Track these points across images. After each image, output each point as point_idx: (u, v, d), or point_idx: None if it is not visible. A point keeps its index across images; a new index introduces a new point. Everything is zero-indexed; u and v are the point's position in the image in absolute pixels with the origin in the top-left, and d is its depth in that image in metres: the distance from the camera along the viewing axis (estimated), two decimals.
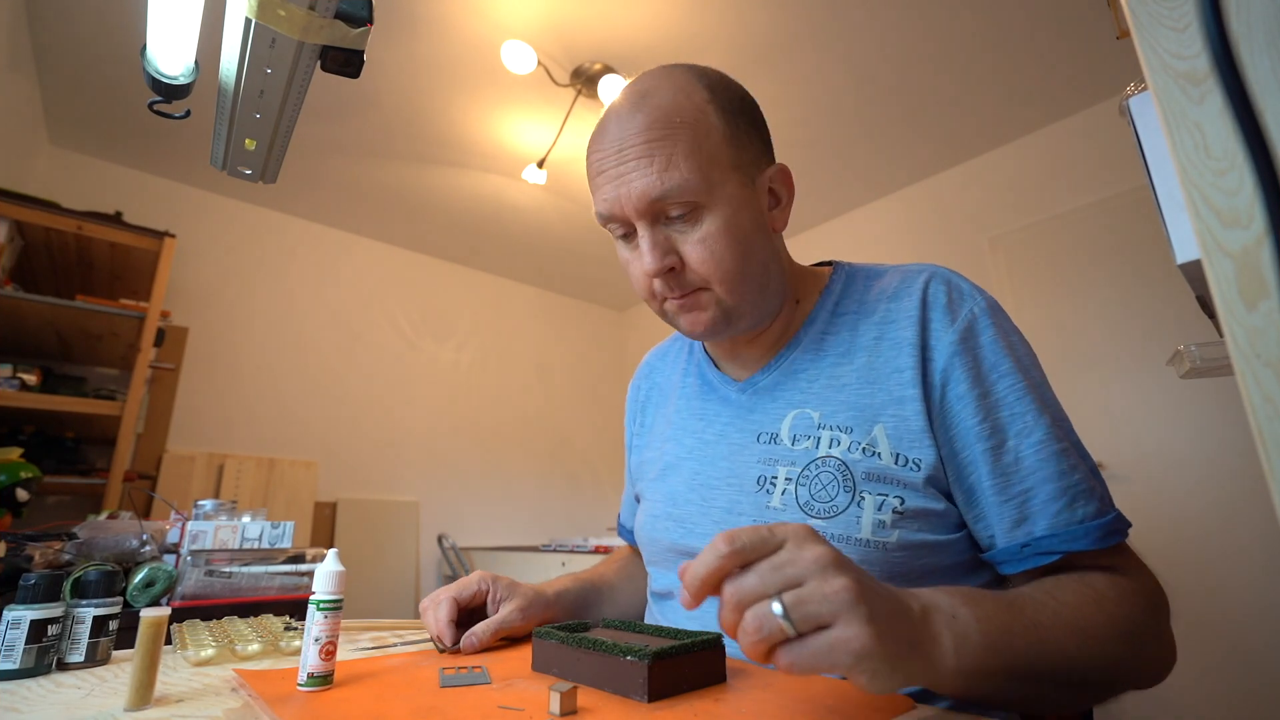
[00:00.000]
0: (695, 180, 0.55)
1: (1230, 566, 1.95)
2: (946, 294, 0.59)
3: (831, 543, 0.52)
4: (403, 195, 3.15)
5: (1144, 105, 0.48)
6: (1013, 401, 0.54)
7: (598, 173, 0.59)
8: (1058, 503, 0.51)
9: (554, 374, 4.26)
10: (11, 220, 1.89)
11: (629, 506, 0.87)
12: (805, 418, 0.60)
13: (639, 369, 0.88)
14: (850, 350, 0.61)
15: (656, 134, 0.56)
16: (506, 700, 0.41)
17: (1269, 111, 0.24)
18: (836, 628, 0.33)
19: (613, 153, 0.58)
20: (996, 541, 0.53)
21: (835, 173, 2.97)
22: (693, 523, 0.64)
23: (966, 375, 0.55)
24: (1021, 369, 0.55)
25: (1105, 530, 0.50)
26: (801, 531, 0.37)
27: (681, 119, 0.57)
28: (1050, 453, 0.52)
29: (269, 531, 1.07)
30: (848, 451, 0.56)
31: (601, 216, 0.60)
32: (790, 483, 0.58)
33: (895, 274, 0.64)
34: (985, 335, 0.56)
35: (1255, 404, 0.23)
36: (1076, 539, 0.50)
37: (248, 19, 0.46)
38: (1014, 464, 0.52)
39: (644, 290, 0.62)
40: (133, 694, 0.42)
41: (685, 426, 0.71)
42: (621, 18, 2.06)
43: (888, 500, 0.53)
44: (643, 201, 0.56)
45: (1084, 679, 0.44)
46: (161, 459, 2.63)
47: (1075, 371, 2.35)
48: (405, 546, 3.25)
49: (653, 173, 0.55)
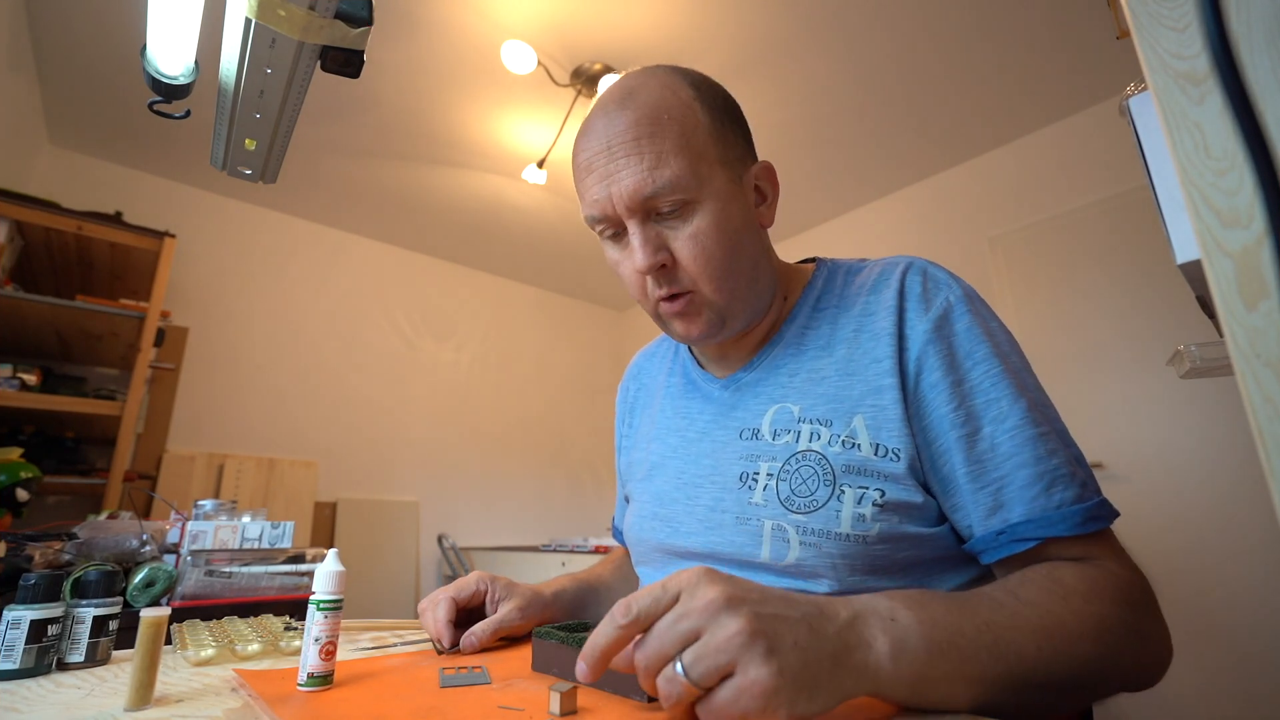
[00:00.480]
0: (686, 176, 0.55)
1: (1230, 566, 1.95)
2: (922, 283, 0.59)
3: (811, 537, 0.53)
4: (403, 195, 3.15)
5: (1144, 105, 0.48)
6: (988, 388, 0.53)
7: (586, 172, 0.59)
8: (1034, 488, 0.50)
9: (554, 374, 4.26)
10: (11, 220, 1.89)
11: (621, 508, 0.87)
12: (785, 412, 0.60)
13: (627, 370, 0.88)
14: (830, 344, 0.61)
15: (645, 130, 0.56)
16: (506, 700, 0.41)
17: (1269, 111, 0.24)
18: (738, 674, 0.32)
19: (601, 150, 0.57)
20: (974, 530, 0.52)
21: (834, 173, 2.97)
22: (679, 521, 0.64)
23: (940, 363, 0.55)
24: (999, 354, 0.55)
25: (1085, 515, 0.49)
26: (694, 578, 0.36)
27: (669, 115, 0.56)
28: (1026, 437, 0.51)
29: (269, 531, 1.07)
30: (828, 445, 0.56)
31: (591, 219, 0.60)
32: (771, 478, 0.58)
33: (875, 267, 0.64)
34: (960, 323, 0.56)
35: (1255, 404, 0.23)
36: (1054, 524, 0.48)
37: (248, 19, 0.46)
38: (989, 450, 0.52)
39: (637, 290, 0.61)
40: (133, 694, 0.42)
41: (669, 426, 0.71)
42: (621, 18, 2.06)
43: (868, 493, 0.53)
44: (635, 198, 0.56)
45: (1050, 682, 0.42)
46: (161, 459, 2.63)
47: (1075, 371, 2.35)
48: (405, 546, 3.25)
49: (644, 169, 0.55)
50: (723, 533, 0.59)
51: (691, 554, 0.62)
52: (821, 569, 0.53)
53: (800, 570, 0.54)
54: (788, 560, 0.54)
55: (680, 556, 0.64)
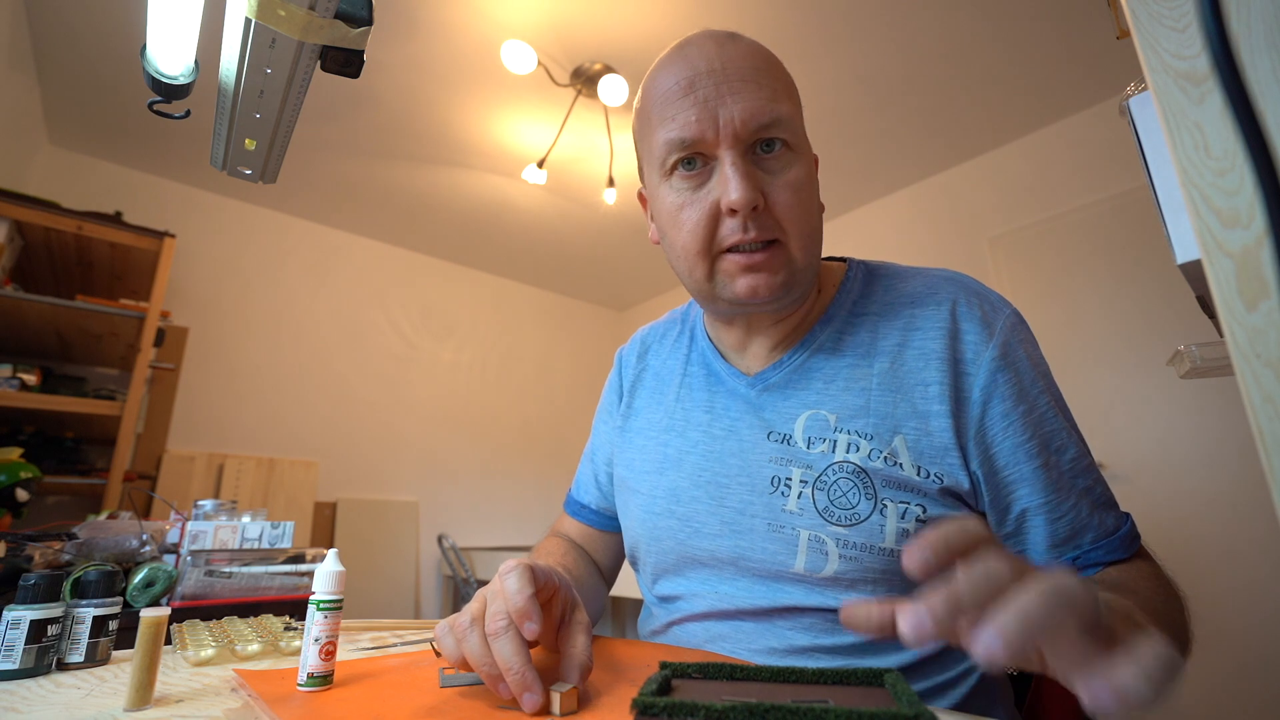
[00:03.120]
0: (798, 120, 0.55)
1: (1230, 566, 1.95)
2: (980, 307, 0.58)
3: (853, 551, 0.52)
4: (403, 195, 3.15)
5: (1144, 105, 0.48)
6: (1051, 418, 0.55)
7: (684, 92, 0.54)
8: (1095, 516, 0.53)
9: (554, 374, 4.26)
10: (11, 220, 1.89)
11: (586, 483, 0.79)
12: (820, 419, 0.58)
13: (630, 345, 0.81)
14: (870, 353, 0.59)
15: (763, 64, 0.55)
16: (506, 700, 0.41)
17: (1269, 111, 0.24)
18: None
19: (710, 71, 0.53)
20: (1042, 558, 0.54)
21: (834, 172, 2.97)
22: (700, 521, 0.61)
23: (1011, 392, 0.54)
24: (1049, 384, 0.56)
25: (1131, 538, 0.54)
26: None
27: (778, 65, 0.57)
28: (1082, 468, 0.54)
29: (269, 531, 1.07)
30: (868, 459, 0.54)
31: (675, 142, 0.54)
32: (806, 485, 0.56)
33: (918, 278, 0.62)
34: (1022, 350, 0.56)
35: (1255, 404, 0.23)
36: (1114, 550, 0.53)
37: (248, 19, 0.46)
38: (1058, 480, 0.53)
39: (701, 234, 0.54)
40: (133, 694, 0.42)
41: (690, 419, 0.66)
42: (621, 18, 2.06)
43: (910, 508, 0.52)
44: (750, 124, 0.52)
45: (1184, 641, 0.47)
46: (161, 459, 2.63)
47: (1075, 372, 2.35)
48: (405, 546, 3.25)
49: (763, 98, 0.53)
50: (753, 538, 0.57)
51: (715, 558, 0.59)
52: (861, 583, 0.53)
53: (839, 582, 0.53)
54: (826, 572, 0.53)
55: (700, 561, 0.60)
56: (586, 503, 0.79)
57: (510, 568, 0.44)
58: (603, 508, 0.78)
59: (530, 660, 0.40)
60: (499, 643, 0.40)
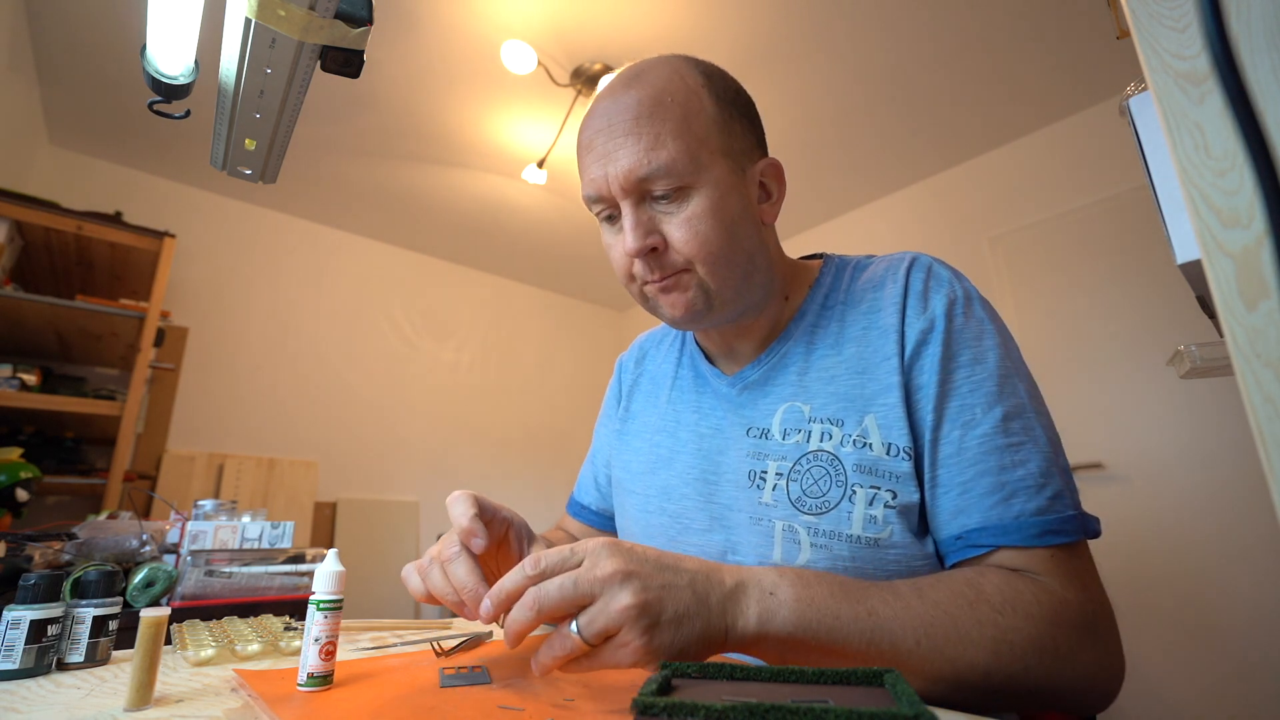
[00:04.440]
0: (682, 160, 0.55)
1: (1230, 566, 1.95)
2: (924, 280, 0.59)
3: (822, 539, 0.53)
4: (402, 195, 3.15)
5: (1144, 105, 0.48)
6: (966, 393, 0.53)
7: (587, 150, 0.58)
8: (993, 496, 0.50)
9: (554, 374, 4.26)
10: (11, 220, 1.89)
11: (587, 484, 0.84)
12: (796, 411, 0.59)
13: (630, 351, 0.85)
14: (839, 341, 0.61)
15: (646, 111, 0.55)
16: (506, 700, 0.41)
17: (1269, 111, 0.24)
18: (619, 638, 0.39)
19: (602, 129, 0.57)
20: (938, 533, 0.53)
21: (834, 173, 2.97)
22: (689, 518, 0.63)
23: (928, 364, 0.55)
24: (984, 359, 0.54)
25: (1042, 528, 0.48)
26: (597, 547, 0.42)
27: (672, 98, 0.56)
28: (993, 446, 0.51)
29: (269, 531, 1.07)
30: (840, 445, 0.55)
31: (588, 199, 0.59)
32: (781, 477, 0.57)
33: (881, 263, 0.64)
34: (955, 323, 0.56)
35: (1255, 404, 0.23)
36: (1008, 533, 0.49)
37: (248, 19, 0.46)
38: (954, 455, 0.52)
39: (624, 273, 0.60)
40: (133, 694, 0.42)
41: (680, 420, 0.70)
42: (621, 18, 2.06)
43: (879, 494, 0.53)
44: (629, 180, 0.55)
45: (929, 675, 0.44)
46: (161, 459, 2.63)
47: (1075, 371, 2.35)
48: (405, 546, 3.25)
49: (640, 150, 0.54)
50: (738, 533, 0.59)
51: (705, 554, 0.60)
52: (833, 571, 0.52)
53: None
54: (798, 562, 0.54)
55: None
56: (587, 504, 0.84)
57: (455, 496, 0.53)
58: (602, 509, 0.83)
59: (484, 579, 0.47)
60: (453, 566, 0.48)
